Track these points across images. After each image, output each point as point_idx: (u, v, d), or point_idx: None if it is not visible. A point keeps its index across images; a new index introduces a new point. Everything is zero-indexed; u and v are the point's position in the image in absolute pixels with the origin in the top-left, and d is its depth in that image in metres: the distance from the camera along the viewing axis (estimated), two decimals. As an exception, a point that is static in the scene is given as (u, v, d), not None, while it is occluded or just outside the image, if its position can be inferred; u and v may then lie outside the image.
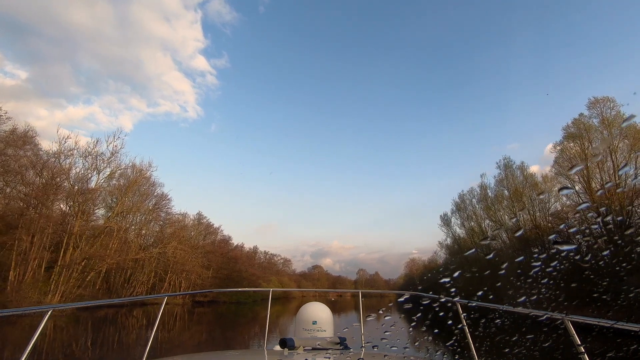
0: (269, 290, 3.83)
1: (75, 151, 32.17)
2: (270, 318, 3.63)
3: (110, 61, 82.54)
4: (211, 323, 25.09)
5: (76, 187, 31.58)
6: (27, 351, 1.79)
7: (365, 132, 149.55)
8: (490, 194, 36.67)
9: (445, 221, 45.64)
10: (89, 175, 33.30)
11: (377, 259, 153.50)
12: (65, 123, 74.02)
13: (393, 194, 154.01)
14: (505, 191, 33.90)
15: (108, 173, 34.84)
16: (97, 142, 34.03)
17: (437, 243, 51.20)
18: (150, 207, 41.02)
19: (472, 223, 39.56)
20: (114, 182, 36.41)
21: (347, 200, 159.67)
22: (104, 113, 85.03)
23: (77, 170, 32.49)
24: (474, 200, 40.05)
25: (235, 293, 47.25)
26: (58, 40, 68.18)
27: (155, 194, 41.86)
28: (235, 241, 65.39)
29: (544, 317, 1.81)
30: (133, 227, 39.65)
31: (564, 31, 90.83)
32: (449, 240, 46.96)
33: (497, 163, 35.71)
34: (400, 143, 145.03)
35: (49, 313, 1.94)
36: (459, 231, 43.43)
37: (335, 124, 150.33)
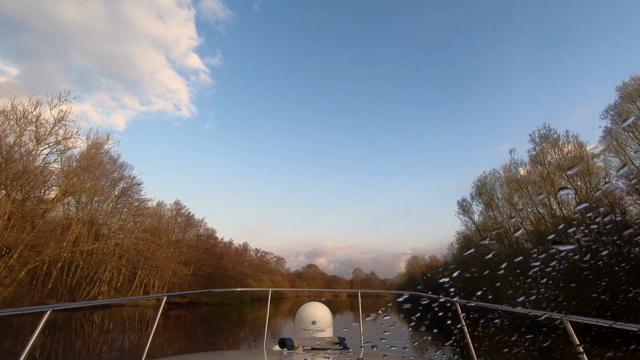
0: (269, 290, 3.83)
1: (11, 115, 24.62)
2: (262, 319, 3.63)
3: (103, 58, 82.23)
4: (190, 327, 22.18)
5: (21, 164, 24.80)
6: (26, 351, 1.78)
7: (361, 132, 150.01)
8: (521, 171, 28.72)
9: (465, 208, 36.71)
10: (31, 147, 25.65)
11: (371, 258, 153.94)
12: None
13: (388, 194, 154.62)
14: (542, 169, 26.04)
15: (52, 143, 26.63)
16: (37, 104, 25.60)
17: (454, 233, 44.05)
18: (115, 191, 34.73)
19: (494, 212, 32.32)
20: (66, 159, 28.90)
21: (342, 201, 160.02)
22: (96, 111, 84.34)
23: (11, 139, 24.92)
24: (497, 183, 32.47)
25: (219, 293, 42.86)
26: (49, 37, 67.73)
27: (121, 176, 35.37)
28: (226, 238, 60.78)
29: (543, 317, 1.81)
30: (90, 213, 32.60)
31: (556, 34, 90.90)
32: (468, 229, 37.86)
33: (530, 135, 26.95)
34: (395, 143, 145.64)
35: (48, 313, 1.94)
36: (480, 220, 35.59)
37: (331, 124, 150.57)
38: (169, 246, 42.56)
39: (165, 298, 3.20)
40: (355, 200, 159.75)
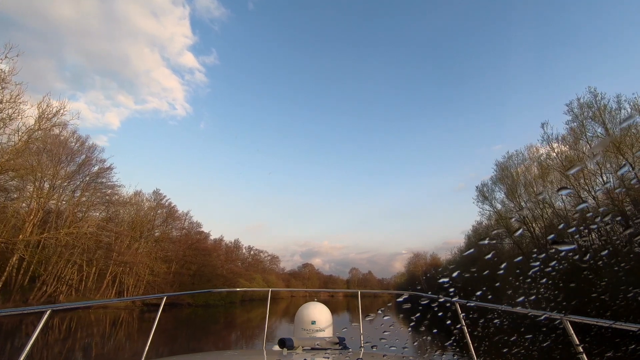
0: (268, 290, 3.83)
1: None
2: (254, 321, 3.63)
3: (97, 56, 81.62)
4: (172, 331, 19.15)
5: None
6: (26, 351, 1.78)
7: (357, 132, 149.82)
8: (555, 146, 23.23)
9: (484, 194, 31.06)
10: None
11: (367, 259, 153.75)
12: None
13: (384, 194, 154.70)
14: (571, 153, 21.46)
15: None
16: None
17: (474, 222, 38.87)
18: (81, 176, 30.20)
19: (519, 199, 27.44)
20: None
21: (338, 200, 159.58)
22: (90, 109, 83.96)
23: None
24: (522, 165, 27.44)
25: (204, 294, 38.21)
26: (43, 34, 66.99)
27: (89, 158, 30.63)
28: (217, 235, 58.34)
29: (543, 317, 1.82)
30: (44, 199, 27.70)
31: (554, 35, 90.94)
32: (489, 219, 31.95)
33: (567, 105, 21.29)
34: (390, 143, 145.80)
35: (48, 313, 1.93)
36: (501, 208, 30.17)
37: (327, 123, 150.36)
38: (148, 240, 38.65)
39: (165, 298, 3.19)
40: (352, 200, 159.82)
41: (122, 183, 37.46)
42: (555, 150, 23.56)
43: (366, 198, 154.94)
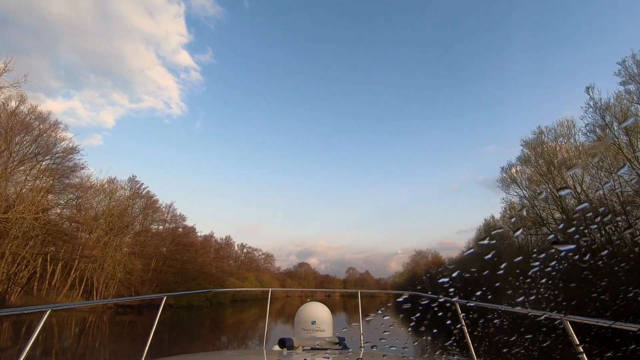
0: (269, 290, 3.85)
1: None
2: (247, 322, 3.64)
3: (91, 54, 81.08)
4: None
5: None
6: (26, 351, 1.78)
7: (354, 131, 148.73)
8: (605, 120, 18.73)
9: (512, 177, 25.96)
10: None
11: (363, 258, 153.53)
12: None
13: (380, 195, 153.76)
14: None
15: None
16: None
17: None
18: (41, 159, 25.48)
19: (549, 184, 22.69)
20: None
21: (335, 200, 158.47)
22: (84, 108, 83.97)
23: None
24: (556, 141, 23.05)
25: (189, 295, 33.70)
26: (36, 31, 66.46)
27: (46, 135, 26.01)
28: (214, 235, 56.06)
29: (543, 317, 1.82)
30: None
31: (552, 35, 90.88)
32: (519, 205, 26.47)
33: (619, 64, 17.79)
34: (387, 142, 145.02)
35: (48, 313, 1.94)
36: (530, 195, 25.12)
37: (324, 123, 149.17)
38: (125, 234, 35.55)
39: (165, 298, 3.19)
40: (348, 200, 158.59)
41: (86, 165, 30.71)
42: (606, 119, 19.01)
43: (363, 198, 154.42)
